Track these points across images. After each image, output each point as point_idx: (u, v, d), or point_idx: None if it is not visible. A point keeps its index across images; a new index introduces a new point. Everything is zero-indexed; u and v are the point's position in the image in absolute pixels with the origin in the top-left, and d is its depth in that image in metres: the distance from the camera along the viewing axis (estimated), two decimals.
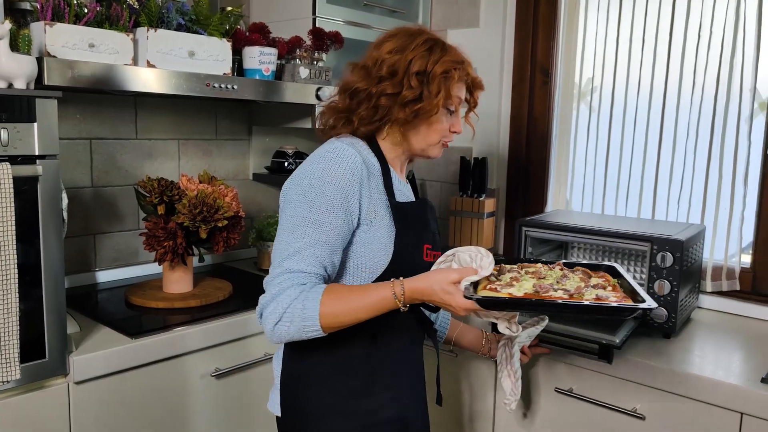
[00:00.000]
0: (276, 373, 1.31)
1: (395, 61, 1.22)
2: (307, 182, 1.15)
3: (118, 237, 2.05)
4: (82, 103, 1.92)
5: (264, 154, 2.40)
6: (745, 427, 1.40)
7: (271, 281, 1.11)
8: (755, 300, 1.91)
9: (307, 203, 1.13)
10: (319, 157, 1.18)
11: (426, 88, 1.21)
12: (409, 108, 1.21)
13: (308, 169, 1.17)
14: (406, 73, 1.21)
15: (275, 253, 1.14)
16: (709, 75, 1.94)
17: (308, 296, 1.08)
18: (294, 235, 1.12)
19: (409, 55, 1.22)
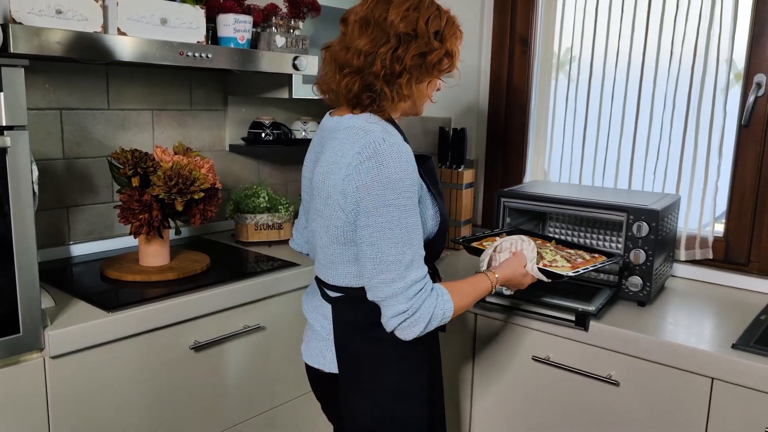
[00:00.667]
0: (325, 333, 1.36)
1: (415, 20, 1.24)
2: (391, 190, 1.18)
3: (93, 210, 2.01)
4: (50, 72, 1.86)
5: (240, 124, 2.37)
6: (715, 391, 1.44)
7: (401, 294, 1.19)
8: (727, 268, 1.95)
9: (399, 211, 1.19)
10: (385, 160, 1.19)
11: (445, 46, 1.28)
12: (436, 69, 1.28)
13: (384, 173, 1.18)
14: (427, 33, 1.25)
15: (386, 264, 1.19)
16: (686, 46, 1.95)
17: (443, 305, 1.24)
18: (404, 246, 1.20)
19: (425, 14, 1.25)
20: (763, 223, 1.89)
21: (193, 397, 1.68)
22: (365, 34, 1.25)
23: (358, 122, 1.27)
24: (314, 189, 1.32)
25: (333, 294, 1.35)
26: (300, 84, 2.10)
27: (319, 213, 1.30)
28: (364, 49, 1.24)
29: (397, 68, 1.24)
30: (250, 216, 2.15)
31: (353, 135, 1.24)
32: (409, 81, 1.26)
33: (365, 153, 1.19)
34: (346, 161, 1.22)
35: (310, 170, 1.41)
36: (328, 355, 1.36)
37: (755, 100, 1.86)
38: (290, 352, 1.91)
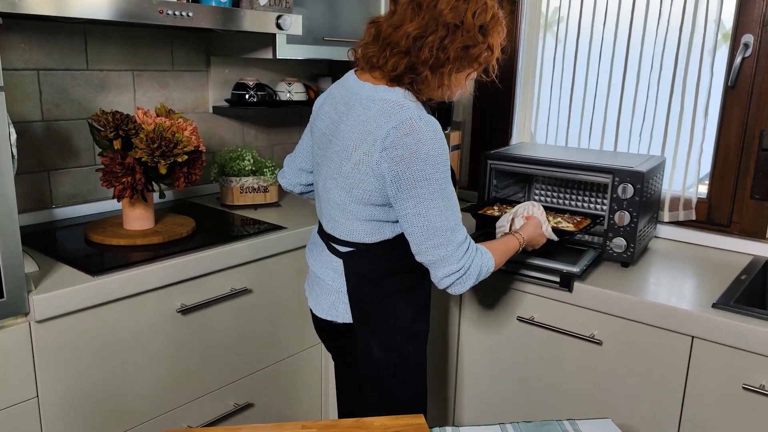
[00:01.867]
0: (338, 286, 1.43)
1: (463, 11, 1.27)
2: (431, 165, 1.25)
3: (74, 173, 1.99)
4: (26, 31, 1.81)
5: (224, 85, 2.33)
6: (695, 349, 1.48)
7: (452, 256, 1.29)
8: (710, 229, 1.98)
9: (439, 183, 1.27)
10: (423, 137, 1.25)
11: (488, 41, 1.31)
12: (477, 61, 1.32)
13: (423, 149, 1.25)
14: (473, 26, 1.28)
15: (433, 230, 1.28)
16: (674, 6, 1.93)
17: (487, 261, 1.36)
18: (448, 213, 1.29)
19: (473, 7, 1.28)
20: (746, 184, 1.91)
21: (181, 360, 1.69)
22: (416, 19, 1.28)
23: (393, 96, 1.30)
24: (336, 148, 1.35)
25: (343, 249, 1.41)
26: (284, 44, 2.06)
27: (342, 174, 1.34)
28: (414, 33, 1.27)
29: (442, 57, 1.28)
30: (236, 179, 2.13)
31: (389, 108, 1.28)
32: (451, 70, 1.31)
33: (403, 129, 1.24)
34: (382, 134, 1.26)
35: (326, 124, 1.42)
36: (341, 306, 1.43)
37: (742, 61, 1.86)
38: (277, 315, 1.92)
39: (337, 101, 1.41)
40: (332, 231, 1.43)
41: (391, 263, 1.40)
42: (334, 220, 1.41)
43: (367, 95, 1.33)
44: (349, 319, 1.43)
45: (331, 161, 1.38)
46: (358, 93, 1.35)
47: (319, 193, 1.46)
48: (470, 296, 1.83)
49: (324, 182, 1.41)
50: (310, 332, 2.04)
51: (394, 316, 1.42)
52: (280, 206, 2.20)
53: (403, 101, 1.29)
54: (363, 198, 1.33)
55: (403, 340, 1.44)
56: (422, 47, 1.27)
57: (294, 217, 2.05)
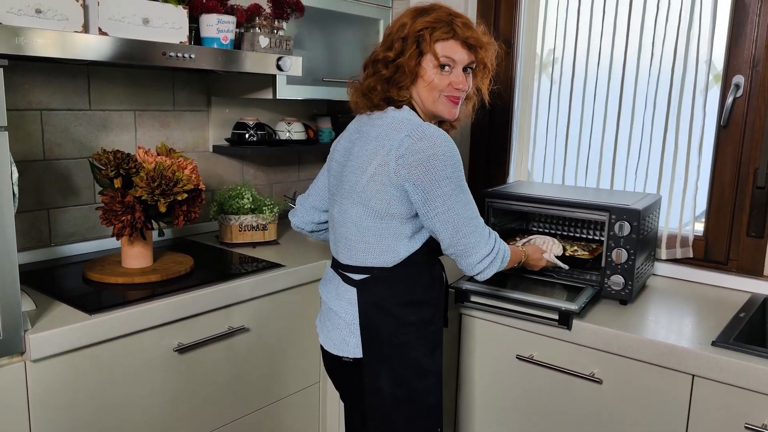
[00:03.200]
0: (350, 318, 1.44)
1: (390, 28, 1.44)
2: (450, 165, 1.34)
3: (74, 211, 1.99)
4: (30, 73, 1.84)
5: (224, 125, 2.36)
6: (696, 388, 1.46)
7: (483, 241, 1.40)
8: (707, 267, 1.98)
9: (459, 180, 1.36)
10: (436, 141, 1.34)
11: (406, 47, 1.39)
12: (391, 65, 1.41)
13: (439, 151, 1.34)
14: (393, 36, 1.41)
15: (462, 221, 1.37)
16: (666, 47, 1.97)
17: (506, 248, 1.47)
18: (470, 205, 1.40)
19: (399, 21, 1.42)
20: (742, 222, 1.92)
21: (177, 400, 1.67)
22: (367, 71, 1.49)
23: (399, 114, 1.41)
24: (351, 168, 1.42)
25: (357, 277, 1.43)
26: (284, 84, 2.09)
27: (357, 189, 1.40)
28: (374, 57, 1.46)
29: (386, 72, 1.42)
30: (234, 217, 2.14)
31: (398, 122, 1.39)
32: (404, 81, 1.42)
33: (415, 135, 1.34)
34: (396, 143, 1.35)
35: (341, 154, 1.50)
36: (351, 341, 1.44)
37: (734, 101, 1.89)
38: (275, 354, 1.91)
39: (351, 132, 1.51)
40: (347, 258, 1.45)
41: (406, 293, 1.42)
42: (349, 243, 1.44)
43: (377, 116, 1.44)
44: (359, 353, 1.43)
45: (346, 182, 1.43)
46: (368, 120, 1.46)
47: (335, 223, 1.49)
48: (469, 334, 1.82)
49: (340, 206, 1.46)
50: (309, 371, 2.02)
51: (406, 349, 1.42)
52: (279, 244, 2.21)
53: (410, 117, 1.40)
54: (379, 210, 1.38)
55: (414, 375, 1.43)
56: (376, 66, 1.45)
57: (292, 255, 2.05)
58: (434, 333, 1.48)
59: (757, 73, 1.85)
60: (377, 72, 1.43)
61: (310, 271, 1.94)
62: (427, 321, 1.45)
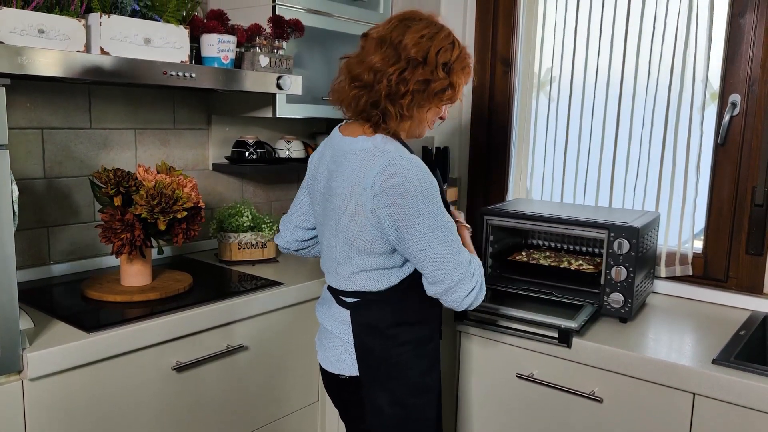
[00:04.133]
0: (345, 337, 1.42)
1: (427, 48, 1.31)
2: (422, 200, 1.29)
3: (73, 229, 2.00)
4: (32, 91, 1.85)
5: (224, 143, 2.37)
6: (697, 407, 1.45)
7: (465, 277, 1.33)
8: (707, 284, 1.98)
9: (434, 215, 1.30)
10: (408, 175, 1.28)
11: (450, 79, 1.33)
12: (437, 97, 1.34)
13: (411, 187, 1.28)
14: (435, 63, 1.31)
15: (442, 259, 1.31)
16: (663, 66, 1.99)
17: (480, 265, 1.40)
18: (449, 240, 1.33)
19: (437, 45, 1.31)
20: (741, 240, 1.92)
21: (176, 419, 1.66)
22: (379, 52, 1.32)
23: (371, 144, 1.33)
24: (333, 205, 1.38)
25: (350, 300, 1.42)
26: (284, 103, 2.11)
27: (340, 229, 1.37)
28: (375, 66, 1.31)
29: (402, 89, 1.30)
30: (234, 235, 2.14)
31: (370, 156, 1.31)
32: (411, 103, 1.33)
33: (387, 172, 1.28)
34: (369, 182, 1.29)
35: (322, 183, 1.45)
36: (347, 359, 1.42)
37: (730, 120, 1.90)
38: (274, 372, 1.90)
39: (328, 161, 1.43)
40: (338, 285, 1.44)
41: (400, 313, 1.40)
42: (339, 274, 1.43)
43: (349, 148, 1.36)
44: (355, 371, 1.42)
45: (331, 218, 1.40)
46: (342, 148, 1.39)
47: (324, 251, 1.48)
48: (469, 352, 1.81)
49: (328, 240, 1.44)
50: (308, 390, 2.01)
51: (404, 369, 1.41)
52: (278, 262, 2.20)
53: (382, 146, 1.32)
54: (365, 248, 1.35)
55: (412, 394, 1.42)
56: (381, 78, 1.30)
57: (291, 273, 2.05)
58: (432, 350, 1.46)
59: (753, 92, 1.86)
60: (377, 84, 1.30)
61: (310, 289, 1.94)
62: (424, 339, 1.44)
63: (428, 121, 1.41)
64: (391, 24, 1.35)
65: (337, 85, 1.40)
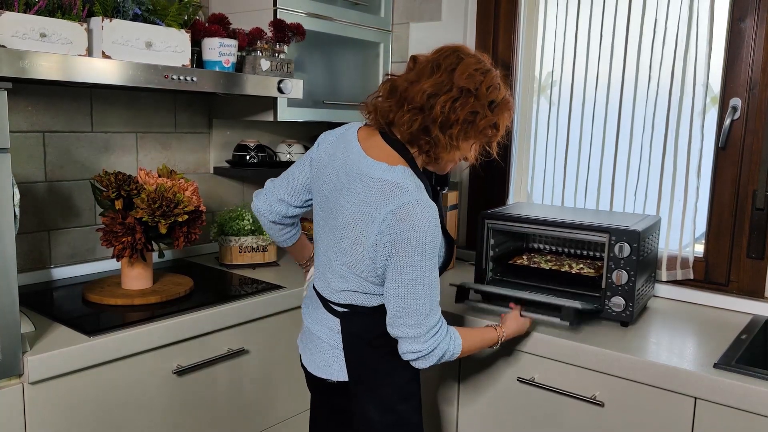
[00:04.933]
0: (333, 342, 1.43)
1: (479, 82, 1.31)
2: (419, 253, 1.27)
3: (74, 233, 2.00)
4: (33, 95, 1.86)
5: (225, 147, 2.37)
6: (698, 411, 1.45)
7: (420, 337, 1.31)
8: (708, 288, 1.98)
9: (423, 270, 1.29)
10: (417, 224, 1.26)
11: (496, 118, 1.34)
12: (483, 133, 1.34)
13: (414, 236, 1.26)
14: (485, 98, 1.32)
15: (408, 312, 1.30)
16: (663, 70, 1.99)
17: (454, 347, 1.37)
18: (425, 299, 1.30)
19: (488, 81, 1.32)
20: (742, 243, 1.92)
21: (177, 423, 1.66)
22: (433, 76, 1.31)
23: (393, 176, 1.30)
24: (336, 221, 1.37)
25: (340, 309, 1.42)
26: (285, 107, 2.11)
27: (342, 249, 1.36)
28: (429, 90, 1.30)
29: (452, 118, 1.30)
30: (235, 238, 2.15)
31: (389, 190, 1.29)
32: (459, 133, 1.32)
33: (399, 214, 1.26)
34: (380, 217, 1.28)
35: (330, 189, 1.41)
36: (335, 364, 1.43)
37: (731, 124, 1.90)
38: (274, 376, 1.89)
39: (339, 167, 1.40)
40: (328, 296, 1.43)
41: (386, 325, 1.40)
42: (331, 287, 1.42)
43: (367, 173, 1.33)
44: (344, 377, 1.42)
45: (332, 233, 1.39)
46: (358, 166, 1.35)
47: (319, 257, 1.47)
48: (470, 357, 1.80)
49: (325, 251, 1.42)
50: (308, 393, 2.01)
51: (391, 376, 1.41)
52: (279, 266, 2.20)
53: (403, 182, 1.29)
54: (360, 275, 1.35)
55: (400, 400, 1.42)
56: (434, 105, 1.29)
57: (292, 276, 2.05)
58: None
59: (754, 96, 1.87)
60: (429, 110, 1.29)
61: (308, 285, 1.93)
62: None
63: (471, 157, 1.40)
64: (443, 52, 1.35)
65: (376, 101, 1.39)
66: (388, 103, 1.36)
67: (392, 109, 1.34)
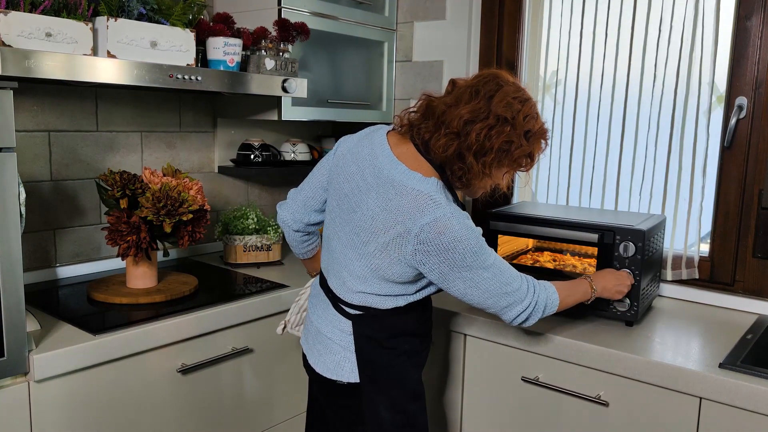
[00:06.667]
0: (345, 344, 1.42)
1: (517, 112, 1.31)
2: (470, 255, 1.29)
3: (80, 232, 2.00)
4: (39, 95, 1.86)
5: (229, 146, 2.37)
6: (703, 411, 1.45)
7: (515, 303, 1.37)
8: (713, 288, 1.97)
9: (482, 261, 1.31)
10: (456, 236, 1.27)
11: (531, 147, 1.34)
12: (517, 162, 1.34)
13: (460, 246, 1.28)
14: (522, 127, 1.31)
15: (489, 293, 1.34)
16: (669, 69, 1.99)
17: (551, 297, 1.43)
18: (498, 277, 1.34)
19: (526, 110, 1.32)
20: (748, 243, 1.91)
21: (181, 421, 1.66)
22: (471, 102, 1.31)
23: (427, 188, 1.30)
24: (358, 222, 1.35)
25: (353, 312, 1.41)
26: (289, 106, 2.11)
27: (366, 252, 1.35)
28: (466, 117, 1.30)
29: (487, 145, 1.30)
30: (239, 237, 2.15)
31: (423, 202, 1.28)
32: (493, 161, 1.32)
33: (437, 228, 1.26)
34: (416, 229, 1.27)
35: (351, 188, 1.40)
36: (346, 365, 1.42)
37: (737, 123, 1.90)
38: (278, 375, 1.90)
39: (364, 167, 1.38)
40: (342, 295, 1.43)
41: (399, 326, 1.42)
42: (347, 286, 1.41)
43: (400, 180, 1.31)
44: (355, 378, 1.42)
45: (353, 233, 1.37)
46: (389, 172, 1.33)
47: (333, 254, 1.44)
48: (474, 355, 1.81)
49: (342, 249, 1.40)
50: None
51: (402, 377, 1.43)
52: (283, 264, 2.21)
53: (436, 195, 1.29)
54: (387, 277, 1.35)
55: (410, 400, 1.43)
56: (470, 132, 1.29)
57: (296, 275, 2.05)
58: (424, 359, 1.51)
59: (759, 95, 1.86)
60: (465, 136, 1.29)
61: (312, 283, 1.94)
62: (419, 349, 1.47)
63: (503, 184, 1.40)
64: (483, 78, 1.35)
65: (410, 116, 1.40)
66: (425, 123, 1.36)
67: (429, 129, 1.34)
